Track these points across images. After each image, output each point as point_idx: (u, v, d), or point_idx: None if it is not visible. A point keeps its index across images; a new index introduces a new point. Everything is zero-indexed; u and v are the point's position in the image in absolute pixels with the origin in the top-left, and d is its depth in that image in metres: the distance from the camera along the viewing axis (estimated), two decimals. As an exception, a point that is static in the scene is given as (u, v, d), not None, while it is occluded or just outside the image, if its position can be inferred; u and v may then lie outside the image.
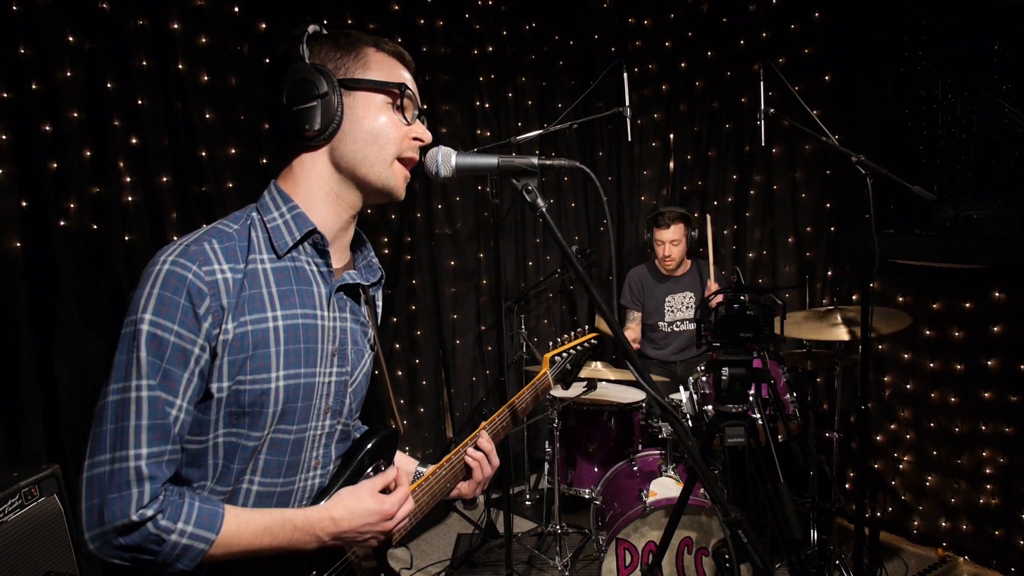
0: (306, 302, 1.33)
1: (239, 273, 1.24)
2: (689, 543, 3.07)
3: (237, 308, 1.22)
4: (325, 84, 1.28)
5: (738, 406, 2.55)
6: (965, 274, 3.69)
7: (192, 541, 1.16)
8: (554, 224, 1.39)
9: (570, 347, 2.07)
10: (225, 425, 1.25)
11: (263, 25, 3.73)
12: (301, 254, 1.34)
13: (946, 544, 3.83)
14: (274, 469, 1.32)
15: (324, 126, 1.29)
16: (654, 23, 5.00)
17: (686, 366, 4.43)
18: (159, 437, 1.16)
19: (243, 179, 3.68)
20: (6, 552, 2.19)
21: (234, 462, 1.27)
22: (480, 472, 1.66)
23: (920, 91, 3.91)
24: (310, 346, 1.32)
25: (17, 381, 2.88)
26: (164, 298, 1.17)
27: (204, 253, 1.22)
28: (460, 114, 4.65)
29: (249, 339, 1.23)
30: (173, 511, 1.16)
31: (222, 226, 1.30)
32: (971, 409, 3.72)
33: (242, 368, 1.23)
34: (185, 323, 1.17)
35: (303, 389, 1.31)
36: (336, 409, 1.40)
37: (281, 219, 1.32)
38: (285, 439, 1.31)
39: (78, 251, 3.12)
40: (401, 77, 1.37)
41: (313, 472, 1.39)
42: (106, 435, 1.16)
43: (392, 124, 1.35)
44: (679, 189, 5.14)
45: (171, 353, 1.17)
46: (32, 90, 2.95)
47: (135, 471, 1.14)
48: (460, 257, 4.77)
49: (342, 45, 1.34)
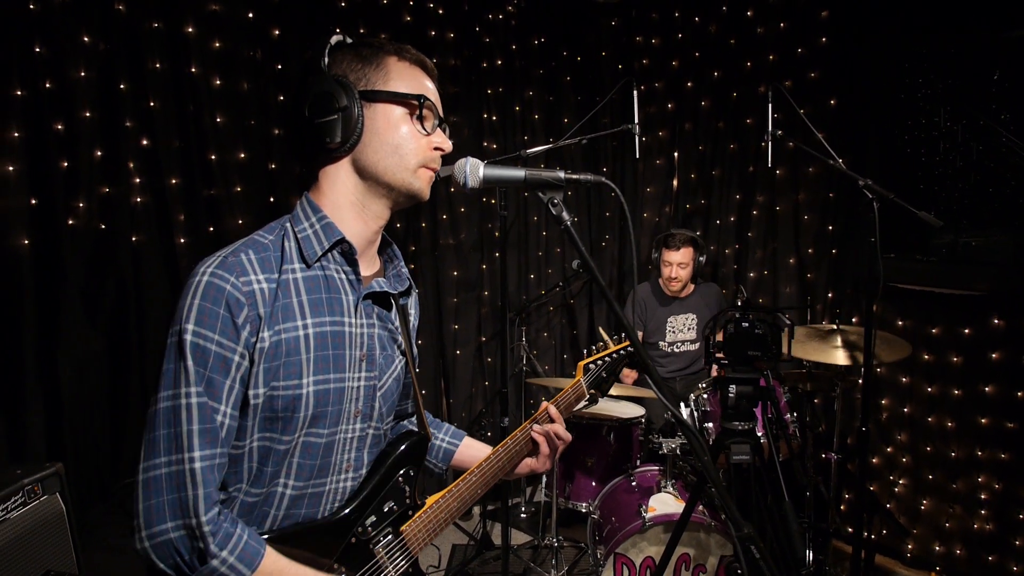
0: (334, 309, 1.35)
1: (273, 283, 1.28)
2: (687, 559, 3.08)
3: (272, 317, 1.26)
4: (345, 97, 1.30)
5: (744, 423, 2.56)
6: (964, 300, 3.72)
7: (229, 572, 1.20)
8: (578, 238, 1.40)
9: (605, 355, 2.03)
10: (260, 430, 1.28)
11: (276, 31, 3.76)
12: (330, 263, 1.37)
13: (939, 568, 3.84)
14: (306, 472, 1.34)
15: (345, 138, 1.31)
16: (662, 42, 5.04)
17: (686, 383, 4.44)
18: (210, 441, 1.21)
19: (252, 183, 3.70)
20: (7, 550, 2.18)
21: (267, 465, 1.31)
22: (547, 446, 1.72)
23: (920, 118, 3.96)
24: (338, 352, 1.35)
25: (20, 378, 2.88)
26: (204, 309, 1.20)
27: (241, 264, 1.25)
28: (468, 126, 4.69)
29: (282, 347, 1.26)
30: (224, 537, 1.20)
31: (258, 237, 1.33)
32: (968, 434, 3.74)
33: (276, 375, 1.26)
34: (225, 332, 1.21)
35: (333, 394, 1.34)
36: (366, 413, 1.43)
37: (311, 229, 1.35)
38: (316, 442, 1.34)
39: (85, 250, 3.14)
40: (422, 87, 1.38)
41: (345, 475, 1.42)
42: (159, 440, 1.19)
43: (412, 135, 1.36)
44: (682, 207, 5.17)
45: (213, 362, 1.20)
46: (46, 89, 2.97)
47: (190, 473, 1.18)
48: (463, 268, 4.79)
49: (364, 55, 1.36)
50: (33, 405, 2.91)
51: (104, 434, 3.23)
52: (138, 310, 3.31)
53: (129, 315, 3.28)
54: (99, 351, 3.19)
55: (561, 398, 1.87)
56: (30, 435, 2.89)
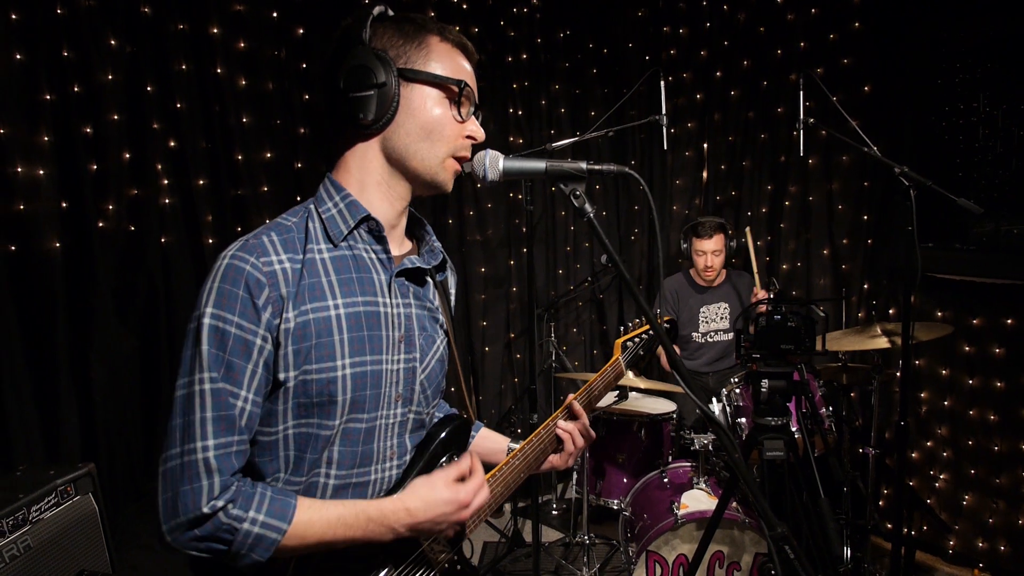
0: (367, 289, 1.31)
1: (297, 263, 1.24)
2: (721, 557, 3.03)
3: (297, 297, 1.22)
4: (384, 73, 1.26)
5: (777, 419, 2.50)
6: (1006, 290, 3.61)
7: (264, 531, 1.16)
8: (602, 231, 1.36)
9: (641, 332, 2.02)
10: (295, 416, 1.25)
11: (301, 30, 3.76)
12: (358, 242, 1.33)
13: (982, 565, 3.74)
14: (348, 460, 1.31)
15: (379, 116, 1.28)
16: (689, 32, 4.97)
17: (718, 377, 4.38)
18: (224, 428, 1.17)
19: (278, 183, 3.70)
20: (41, 549, 2.21)
21: (307, 452, 1.27)
22: (572, 444, 1.66)
23: (958, 104, 3.85)
24: (374, 333, 1.31)
25: (54, 379, 2.91)
26: (224, 291, 1.18)
27: (262, 245, 1.22)
28: (493, 121, 4.66)
29: (311, 327, 1.23)
30: (245, 500, 1.17)
31: (282, 220, 1.31)
32: (1011, 427, 3.63)
33: (307, 357, 1.22)
34: (245, 314, 1.18)
35: (371, 377, 1.30)
36: (407, 397, 1.39)
37: (335, 208, 1.32)
38: (357, 427, 1.30)
39: (116, 252, 3.16)
40: (463, 70, 1.35)
41: (389, 463, 1.37)
42: (175, 429, 1.17)
43: (447, 120, 1.33)
44: (712, 199, 5.09)
45: (233, 344, 1.17)
46: (74, 92, 2.99)
47: (203, 463, 1.15)
48: (491, 264, 4.77)
49: (406, 31, 1.32)
50: (66, 406, 2.94)
51: (136, 434, 3.26)
52: (168, 310, 3.33)
53: (159, 315, 3.30)
54: (131, 351, 3.22)
55: (599, 377, 1.85)
56: (64, 436, 2.92)
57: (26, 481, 2.27)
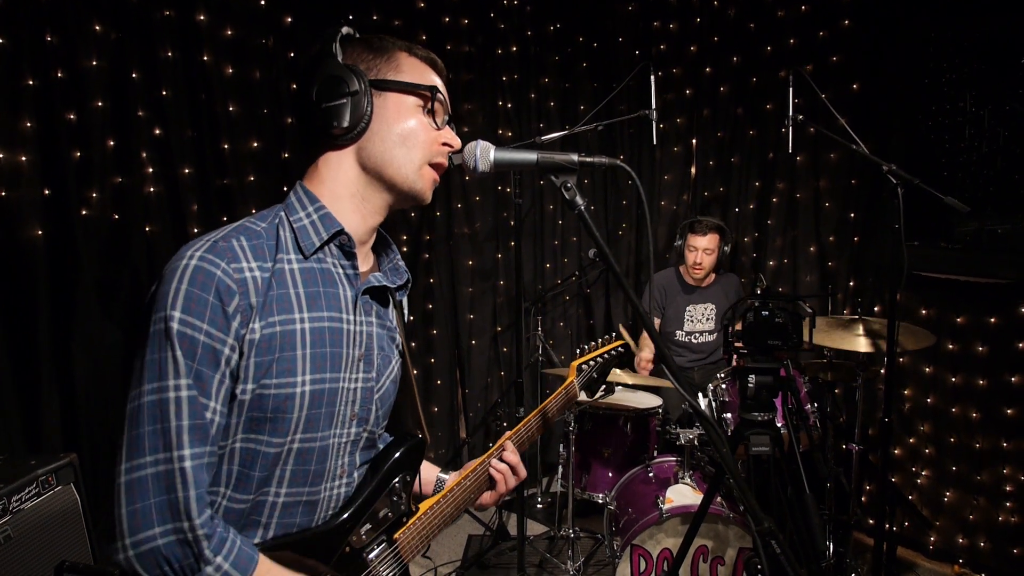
0: (332, 304, 1.28)
1: (267, 272, 1.20)
2: (705, 551, 3.04)
3: (264, 307, 1.18)
4: (356, 82, 1.25)
5: (764, 414, 2.51)
6: (990, 288, 3.64)
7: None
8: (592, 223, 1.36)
9: (597, 355, 2.04)
10: (244, 431, 1.20)
11: (288, 19, 3.73)
12: (327, 255, 1.30)
13: (963, 561, 3.78)
14: (300, 479, 1.27)
15: (352, 124, 1.26)
16: (679, 27, 4.97)
17: (703, 372, 4.39)
18: (200, 438, 1.12)
19: (264, 173, 3.68)
20: (22, 540, 2.18)
21: (254, 470, 1.22)
22: (504, 485, 1.63)
23: (945, 103, 3.87)
24: (336, 350, 1.27)
25: (36, 369, 2.88)
26: (193, 295, 1.12)
27: (232, 250, 1.18)
28: (483, 113, 4.64)
29: (276, 340, 1.19)
30: (219, 542, 1.12)
31: (250, 224, 1.26)
32: (992, 425, 3.67)
33: (268, 371, 1.18)
34: (215, 322, 1.13)
35: (327, 395, 1.26)
36: (362, 416, 1.36)
37: (308, 219, 1.28)
38: (311, 447, 1.26)
39: (99, 241, 3.12)
40: (432, 81, 1.34)
41: (339, 480, 1.34)
42: (144, 437, 1.10)
43: (422, 127, 1.32)
44: (700, 195, 5.10)
45: (202, 353, 1.12)
46: (58, 78, 2.95)
47: (180, 473, 1.09)
48: (478, 257, 4.76)
49: (375, 47, 1.32)
50: (48, 396, 2.90)
51: (119, 425, 3.22)
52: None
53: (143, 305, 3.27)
54: (114, 342, 3.18)
55: (553, 400, 1.85)
56: (45, 426, 2.89)
57: (6, 471, 2.24)
